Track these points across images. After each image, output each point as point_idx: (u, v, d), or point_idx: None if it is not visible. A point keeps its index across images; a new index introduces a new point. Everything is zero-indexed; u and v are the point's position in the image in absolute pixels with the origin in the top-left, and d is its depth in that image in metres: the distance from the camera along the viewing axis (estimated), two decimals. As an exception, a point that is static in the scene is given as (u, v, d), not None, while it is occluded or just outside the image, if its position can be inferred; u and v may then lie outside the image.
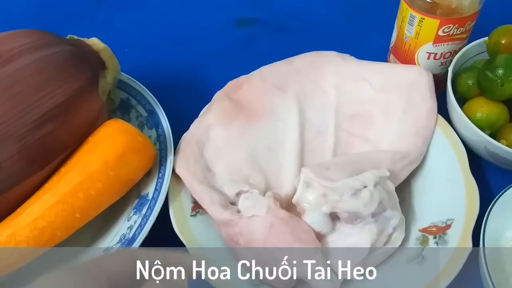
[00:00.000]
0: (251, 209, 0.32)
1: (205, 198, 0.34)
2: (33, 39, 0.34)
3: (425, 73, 0.40)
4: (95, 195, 0.33)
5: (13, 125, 0.31)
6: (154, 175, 0.37)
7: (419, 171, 0.38)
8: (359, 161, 0.35)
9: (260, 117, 0.40)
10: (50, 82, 0.33)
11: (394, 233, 0.33)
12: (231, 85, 0.42)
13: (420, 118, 0.39)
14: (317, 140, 0.40)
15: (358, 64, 0.43)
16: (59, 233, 0.33)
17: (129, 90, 0.43)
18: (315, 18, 0.56)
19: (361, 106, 0.41)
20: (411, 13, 0.39)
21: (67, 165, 0.34)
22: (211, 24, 0.57)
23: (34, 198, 0.33)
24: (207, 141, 0.38)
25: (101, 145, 0.34)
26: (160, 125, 0.40)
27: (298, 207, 0.32)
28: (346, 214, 0.31)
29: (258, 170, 0.37)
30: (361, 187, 0.31)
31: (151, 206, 0.35)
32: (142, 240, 0.32)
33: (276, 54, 0.51)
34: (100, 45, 0.38)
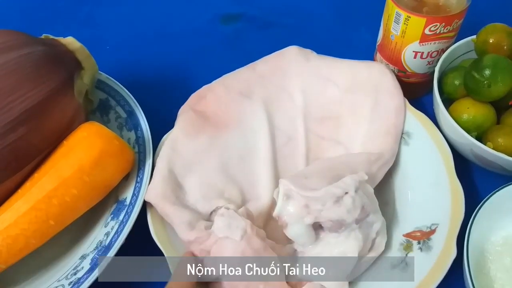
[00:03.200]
0: (225, 229, 0.30)
1: (175, 219, 0.32)
2: (4, 39, 0.33)
3: (388, 71, 0.40)
4: (70, 202, 0.32)
5: (-18, 129, 0.30)
6: (132, 180, 0.36)
7: (403, 173, 0.37)
8: (336, 167, 0.34)
9: (227, 127, 0.39)
10: (22, 85, 0.31)
11: (377, 237, 0.32)
12: (194, 97, 0.40)
13: (389, 117, 0.38)
14: (288, 146, 0.39)
15: (321, 62, 0.41)
16: (33, 241, 0.32)
17: (108, 90, 0.41)
18: (302, 14, 0.55)
19: (329, 108, 0.40)
20: (397, 11, 0.38)
21: (41, 170, 0.33)
22: (195, 20, 0.55)
23: (6, 205, 0.32)
24: (175, 156, 0.36)
25: (76, 149, 0.33)
26: (139, 127, 0.39)
27: (279, 221, 0.31)
28: (330, 223, 0.30)
29: (232, 182, 0.36)
30: (343, 194, 0.30)
31: (128, 211, 0.34)
32: (118, 248, 0.32)
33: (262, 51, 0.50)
34: (76, 44, 0.37)
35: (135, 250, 0.33)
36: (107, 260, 0.31)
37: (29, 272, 0.34)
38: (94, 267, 0.31)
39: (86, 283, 0.30)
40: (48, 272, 0.34)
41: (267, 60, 0.42)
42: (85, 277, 0.31)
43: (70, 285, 0.31)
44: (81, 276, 0.31)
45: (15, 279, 0.34)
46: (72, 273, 0.32)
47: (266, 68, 0.42)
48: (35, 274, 0.34)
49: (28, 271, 0.34)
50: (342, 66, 0.41)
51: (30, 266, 0.34)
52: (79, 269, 0.32)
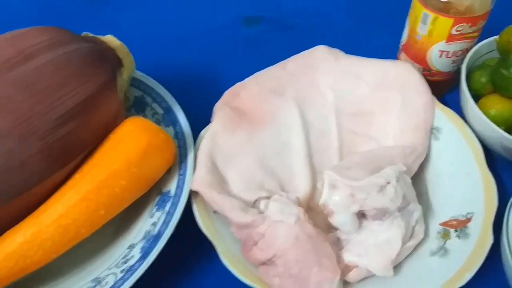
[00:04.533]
0: (278, 213, 0.32)
1: (225, 205, 0.33)
2: (51, 36, 0.34)
3: (414, 70, 0.41)
4: (119, 192, 0.33)
5: (35, 123, 0.31)
6: (175, 172, 0.37)
7: (434, 167, 0.39)
8: (375, 159, 0.35)
9: (262, 123, 0.40)
10: (72, 80, 0.32)
11: (416, 225, 0.34)
12: (228, 94, 0.42)
13: (419, 113, 0.40)
14: (321, 141, 0.40)
15: (350, 61, 0.43)
16: (83, 230, 0.33)
17: (143, 87, 0.43)
18: (321, 17, 0.57)
19: (360, 105, 0.42)
20: (424, 12, 0.39)
21: (89, 163, 0.34)
22: (218, 22, 0.57)
23: (58, 196, 0.33)
24: (216, 150, 0.37)
25: (123, 142, 0.34)
26: (178, 123, 0.40)
27: (325, 209, 0.32)
28: (374, 211, 0.31)
29: (270, 175, 0.37)
30: (385, 183, 0.32)
31: (174, 202, 0.35)
32: (169, 236, 0.32)
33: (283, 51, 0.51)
34: (116, 42, 0.38)
35: (181, 239, 0.34)
36: (159, 248, 0.32)
37: (74, 262, 0.35)
38: (146, 255, 0.32)
39: (140, 270, 0.31)
40: (95, 261, 0.35)
41: (297, 58, 0.44)
42: (138, 264, 0.31)
43: (122, 273, 0.32)
44: (133, 263, 0.32)
45: (61, 269, 0.35)
46: (122, 261, 0.33)
47: (297, 67, 0.43)
48: (81, 264, 0.35)
49: (73, 261, 0.35)
50: (370, 65, 0.43)
51: (74, 257, 0.35)
52: (129, 257, 0.33)
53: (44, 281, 0.34)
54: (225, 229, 0.34)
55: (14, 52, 0.31)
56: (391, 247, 0.31)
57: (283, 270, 0.30)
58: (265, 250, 0.31)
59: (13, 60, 0.31)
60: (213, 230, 0.34)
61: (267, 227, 0.31)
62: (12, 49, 0.32)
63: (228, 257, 0.32)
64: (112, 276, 0.32)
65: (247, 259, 0.32)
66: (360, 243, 0.32)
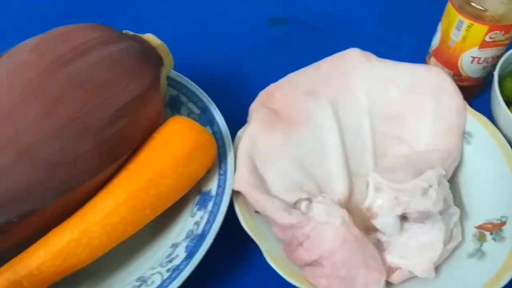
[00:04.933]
0: (324, 215, 0.32)
1: (269, 206, 0.34)
2: (102, 33, 0.34)
3: (446, 75, 0.42)
4: (165, 191, 0.33)
5: (89, 120, 0.31)
6: (215, 172, 0.37)
7: (466, 171, 0.40)
8: (415, 162, 0.36)
9: (298, 124, 0.40)
10: (123, 78, 0.33)
11: (454, 228, 0.34)
12: (263, 95, 0.42)
13: (451, 117, 0.40)
14: (356, 143, 0.41)
15: (382, 65, 0.44)
16: (129, 229, 0.33)
17: (178, 86, 0.43)
18: (348, 19, 0.57)
19: (392, 108, 0.42)
20: (459, 18, 0.40)
21: (136, 161, 0.34)
22: (244, 22, 0.57)
23: (104, 194, 0.33)
24: (254, 150, 0.38)
25: (171, 142, 0.34)
26: (215, 122, 0.40)
27: (368, 212, 0.33)
28: (417, 214, 0.32)
29: (308, 176, 0.38)
30: (428, 187, 0.33)
31: (217, 202, 0.35)
32: (214, 236, 0.33)
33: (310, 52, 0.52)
34: (157, 41, 0.38)
35: (222, 238, 0.34)
36: (205, 247, 0.32)
37: (115, 261, 0.35)
38: (192, 254, 0.32)
39: (188, 269, 0.31)
40: (136, 260, 0.35)
41: (330, 60, 0.44)
42: (184, 264, 0.32)
43: (168, 272, 0.32)
44: (179, 263, 0.32)
45: (101, 267, 0.35)
46: (167, 260, 0.33)
47: (330, 68, 0.44)
48: (122, 262, 0.35)
49: (114, 259, 0.35)
50: (402, 69, 0.43)
51: (114, 255, 0.35)
52: (173, 257, 0.33)
53: (85, 279, 0.34)
54: (267, 229, 0.35)
55: (67, 48, 0.31)
56: (433, 249, 0.32)
57: (330, 271, 0.31)
58: (311, 251, 0.31)
59: (67, 56, 0.31)
60: (256, 230, 0.34)
61: (313, 228, 0.32)
62: (65, 45, 0.32)
63: (272, 256, 0.33)
64: (158, 275, 0.32)
65: (291, 259, 0.33)
66: (402, 245, 0.33)
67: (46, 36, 0.33)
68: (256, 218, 0.35)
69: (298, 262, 0.32)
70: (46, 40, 0.32)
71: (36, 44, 0.32)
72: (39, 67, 0.31)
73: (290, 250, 0.33)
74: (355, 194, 0.38)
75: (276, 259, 0.33)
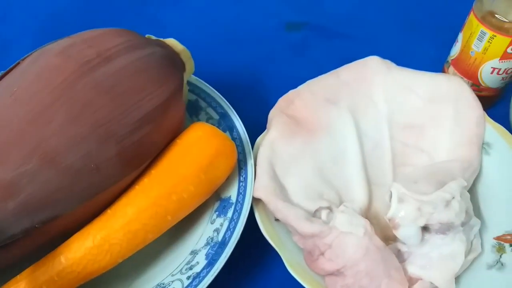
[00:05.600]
0: (347, 225, 0.32)
1: (290, 214, 0.33)
2: (127, 38, 0.34)
3: (466, 85, 0.42)
4: (187, 198, 0.33)
5: (113, 127, 0.31)
6: (234, 179, 0.37)
7: (485, 182, 0.39)
8: (438, 173, 0.36)
9: (317, 131, 0.40)
10: (149, 84, 0.32)
11: (474, 240, 0.34)
12: (283, 102, 0.42)
13: (471, 127, 0.40)
14: (375, 152, 0.41)
15: (402, 73, 0.44)
16: (150, 236, 0.33)
17: (197, 91, 0.43)
18: (366, 25, 0.57)
19: (412, 117, 0.42)
20: (482, 29, 0.40)
21: (158, 167, 0.34)
22: (260, 27, 0.57)
23: (126, 200, 0.33)
24: (274, 157, 0.38)
25: (193, 148, 0.34)
26: (235, 129, 0.40)
27: (391, 222, 0.33)
28: (439, 225, 0.32)
29: (328, 184, 0.38)
30: (451, 198, 0.33)
31: (237, 209, 0.35)
32: (235, 243, 0.33)
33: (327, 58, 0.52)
34: (180, 46, 0.38)
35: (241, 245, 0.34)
36: (226, 255, 0.32)
37: (133, 267, 0.35)
38: (213, 262, 0.32)
39: (209, 277, 0.31)
40: (154, 266, 0.35)
41: (349, 68, 0.44)
42: (205, 271, 0.32)
43: (189, 279, 0.32)
44: (199, 270, 0.32)
45: (120, 273, 0.35)
46: (187, 267, 0.33)
47: (350, 76, 0.43)
48: (141, 269, 0.35)
49: (132, 265, 0.35)
50: (422, 78, 0.43)
51: (133, 261, 0.35)
52: (193, 264, 0.33)
53: (103, 286, 0.34)
54: (287, 237, 0.35)
55: (93, 53, 0.31)
56: (455, 261, 0.32)
57: (352, 281, 0.31)
58: (333, 260, 0.31)
59: (93, 62, 0.31)
60: (277, 238, 0.34)
61: (335, 238, 0.32)
62: (91, 51, 0.31)
63: (293, 265, 0.33)
64: (178, 283, 0.32)
65: (313, 268, 0.33)
66: (423, 256, 0.33)
67: (72, 40, 0.33)
68: (275, 226, 0.35)
69: (319, 271, 0.32)
70: (73, 45, 0.32)
71: (63, 48, 0.32)
72: (66, 72, 0.31)
73: (311, 259, 0.33)
74: (374, 203, 0.38)
75: (297, 268, 0.33)
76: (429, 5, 0.60)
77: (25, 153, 0.29)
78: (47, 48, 0.33)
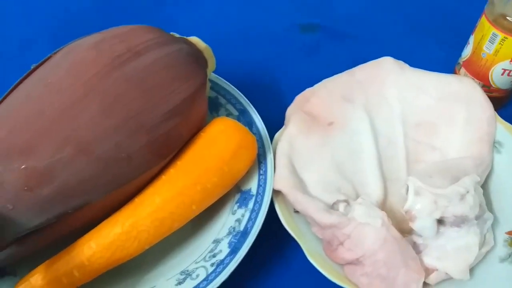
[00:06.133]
0: (365, 216, 0.33)
1: (309, 206, 0.35)
2: (155, 35, 0.35)
3: (477, 85, 0.43)
4: (211, 188, 0.35)
5: (144, 118, 0.32)
6: (254, 172, 0.38)
7: (496, 179, 0.41)
8: (452, 168, 0.37)
9: (334, 128, 0.42)
10: (176, 78, 0.34)
11: (487, 233, 0.36)
12: (299, 99, 0.44)
13: (482, 126, 0.42)
14: (389, 148, 0.42)
15: (415, 74, 0.45)
16: (176, 224, 0.34)
17: (217, 88, 0.44)
18: (377, 27, 0.59)
19: (424, 116, 0.44)
20: (494, 31, 0.42)
21: (183, 158, 0.35)
22: (275, 28, 0.59)
23: (153, 189, 0.34)
24: (293, 152, 0.39)
25: (217, 141, 0.35)
26: (254, 124, 0.41)
27: (408, 215, 0.34)
28: (453, 218, 0.33)
29: (345, 179, 0.39)
30: (465, 192, 0.34)
31: (258, 200, 0.36)
32: (257, 233, 0.34)
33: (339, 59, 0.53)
34: (203, 44, 0.40)
35: (265, 236, 0.36)
36: (249, 243, 0.33)
37: (157, 255, 0.36)
38: (235, 250, 0.33)
39: (233, 263, 0.32)
40: (177, 254, 0.36)
41: (364, 68, 0.46)
42: (229, 259, 0.33)
43: (213, 266, 0.33)
44: (223, 258, 0.33)
45: (144, 260, 0.36)
46: (210, 255, 0.34)
47: (364, 75, 0.45)
48: (164, 256, 0.36)
49: (156, 253, 0.36)
50: (434, 78, 0.44)
51: (157, 249, 0.36)
52: (217, 252, 0.34)
53: (129, 272, 0.35)
54: (306, 228, 0.36)
55: (124, 48, 0.33)
56: (469, 252, 0.33)
57: (371, 270, 0.32)
58: (353, 250, 0.33)
59: (124, 56, 0.32)
60: (296, 229, 0.35)
61: (353, 229, 0.33)
62: (122, 45, 0.33)
63: (313, 255, 0.34)
64: (202, 269, 0.34)
65: (332, 258, 0.34)
66: (439, 248, 0.34)
67: (102, 36, 0.34)
68: (295, 218, 0.37)
69: (338, 260, 0.34)
70: (104, 40, 0.34)
71: (94, 43, 0.33)
72: (99, 66, 0.32)
73: (330, 249, 0.34)
74: (389, 198, 0.39)
75: (316, 257, 0.34)
76: (439, 9, 0.61)
77: (59, 142, 0.30)
78: (78, 43, 0.35)
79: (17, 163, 0.29)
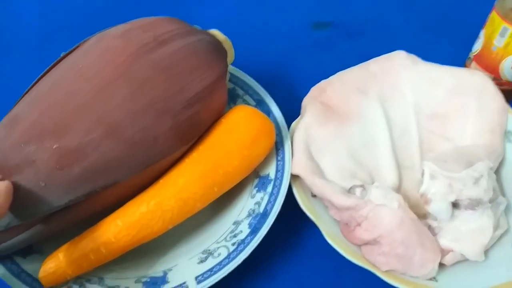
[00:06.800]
0: (381, 198, 0.34)
1: (327, 189, 0.36)
2: (179, 26, 0.37)
3: (488, 78, 0.45)
4: (231, 171, 0.36)
5: (169, 103, 0.34)
6: (272, 158, 0.40)
7: (508, 167, 0.42)
8: (466, 154, 0.38)
9: (349, 118, 0.43)
10: (200, 66, 0.35)
11: (500, 217, 0.37)
12: (315, 90, 0.45)
13: (493, 117, 0.43)
14: (403, 138, 0.43)
15: (427, 67, 0.46)
16: (198, 205, 0.35)
17: (234, 80, 0.46)
18: (389, 25, 0.60)
19: (437, 107, 0.45)
20: (504, 25, 0.43)
21: (206, 143, 0.37)
22: (289, 25, 0.60)
23: (177, 171, 0.35)
24: (310, 140, 0.41)
25: (238, 127, 0.37)
26: (271, 113, 0.43)
27: (423, 198, 0.35)
28: (468, 201, 0.34)
29: (360, 166, 0.40)
30: (479, 176, 0.35)
31: (276, 184, 0.38)
32: (276, 214, 0.35)
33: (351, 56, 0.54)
34: (222, 36, 0.41)
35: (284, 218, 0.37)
36: (269, 223, 0.35)
37: (179, 235, 0.38)
38: (256, 230, 0.35)
39: (254, 242, 0.34)
40: (199, 235, 0.38)
41: (378, 61, 0.47)
42: (250, 238, 0.34)
43: (234, 245, 0.34)
44: (244, 237, 0.35)
45: (167, 240, 0.37)
46: (231, 236, 0.36)
47: (379, 68, 0.46)
48: (187, 238, 0.38)
49: (178, 234, 0.38)
50: (446, 71, 0.46)
51: (179, 230, 0.37)
52: (237, 232, 0.36)
53: (153, 251, 0.37)
54: (323, 211, 0.37)
55: (150, 37, 0.34)
56: (484, 235, 0.34)
57: (388, 249, 0.33)
58: (370, 230, 0.34)
59: (151, 45, 0.34)
60: (314, 212, 0.37)
61: (370, 210, 0.34)
62: (147, 35, 0.35)
63: (331, 236, 0.35)
64: (223, 249, 0.35)
65: (349, 239, 0.35)
66: (454, 230, 0.35)
67: (130, 26, 0.36)
68: (312, 201, 0.38)
69: (356, 241, 0.35)
70: (131, 29, 0.35)
71: (122, 32, 0.35)
72: (127, 53, 0.34)
73: (347, 230, 0.35)
74: (404, 184, 0.40)
75: (335, 238, 0.35)
76: (448, 5, 0.63)
77: (90, 123, 0.32)
78: (106, 32, 0.37)
79: (50, 142, 0.31)
